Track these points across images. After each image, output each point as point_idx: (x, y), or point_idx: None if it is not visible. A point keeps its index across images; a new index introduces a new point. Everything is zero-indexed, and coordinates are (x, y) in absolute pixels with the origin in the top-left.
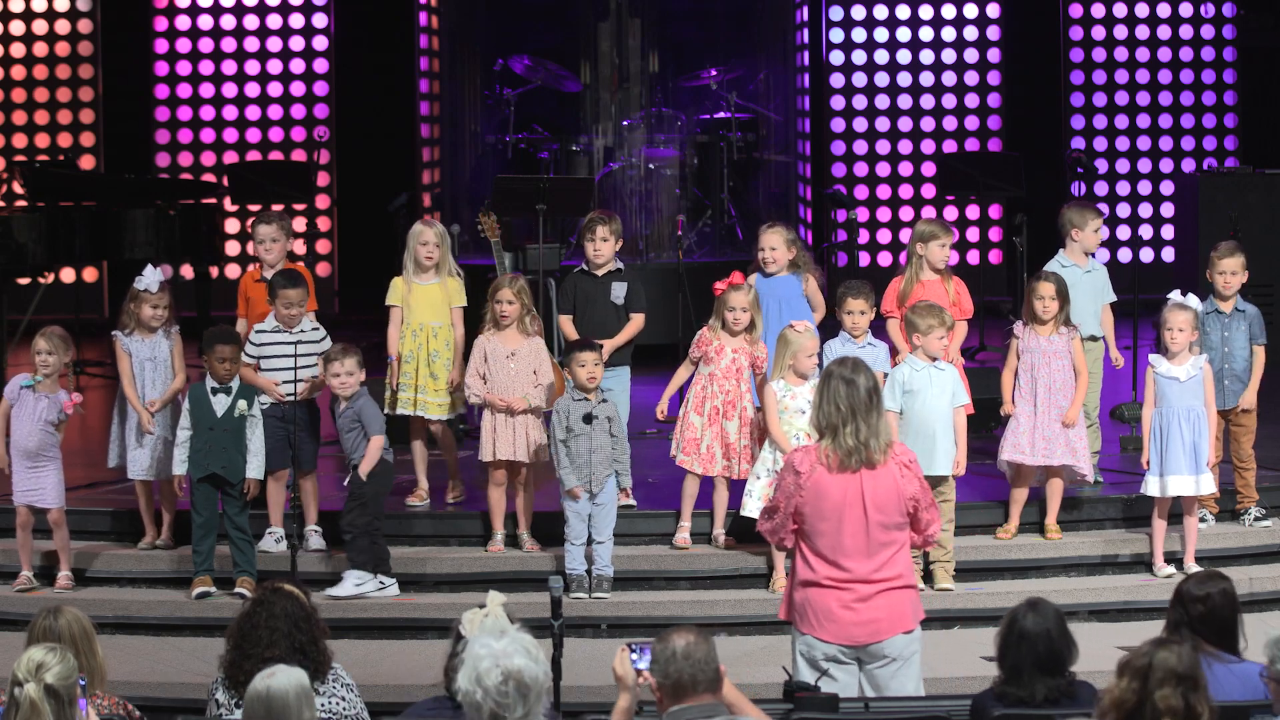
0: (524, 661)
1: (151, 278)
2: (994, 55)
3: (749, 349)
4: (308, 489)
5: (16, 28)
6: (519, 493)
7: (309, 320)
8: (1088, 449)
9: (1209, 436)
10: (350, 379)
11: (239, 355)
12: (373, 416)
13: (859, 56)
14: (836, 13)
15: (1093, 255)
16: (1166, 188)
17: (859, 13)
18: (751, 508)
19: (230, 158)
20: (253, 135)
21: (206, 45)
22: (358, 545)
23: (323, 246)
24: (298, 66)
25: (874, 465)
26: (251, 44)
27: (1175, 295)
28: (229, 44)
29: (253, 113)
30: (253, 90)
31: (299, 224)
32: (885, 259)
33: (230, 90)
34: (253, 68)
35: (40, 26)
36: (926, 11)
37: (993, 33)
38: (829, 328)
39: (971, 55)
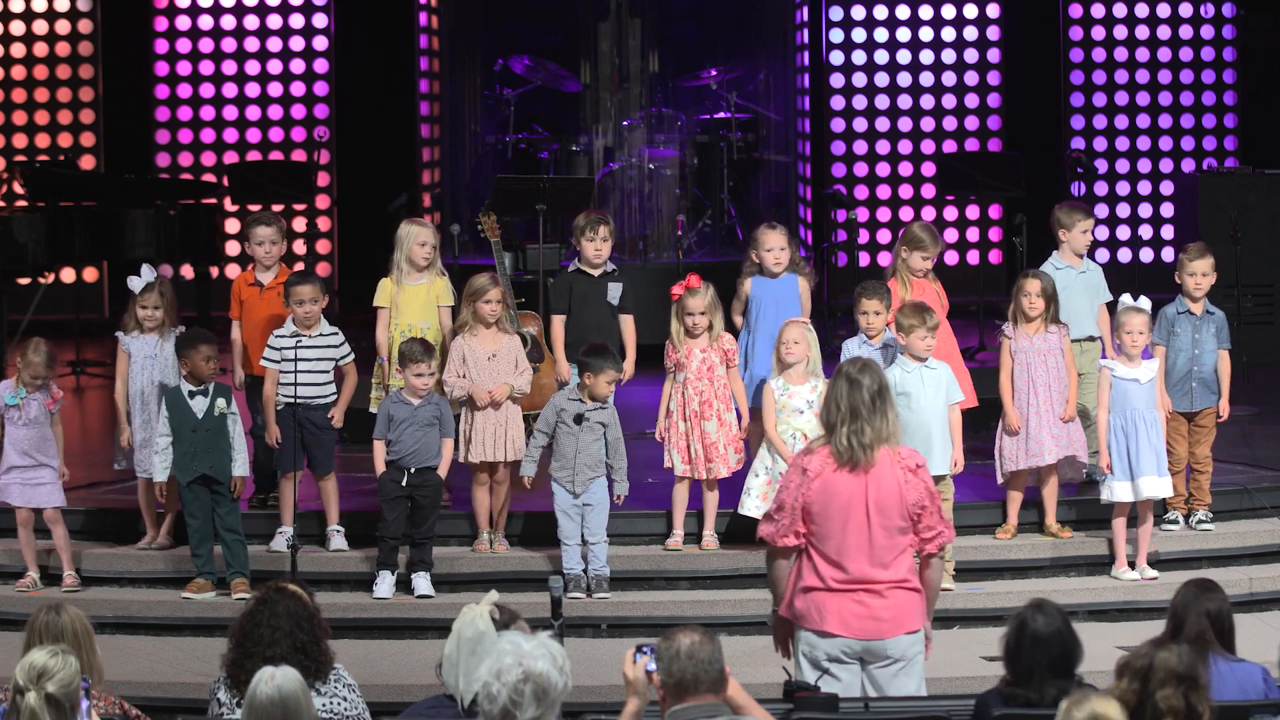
0: (546, 666)
1: (137, 280)
2: (994, 55)
3: (714, 346)
4: (328, 489)
5: (16, 28)
6: (497, 491)
7: (325, 324)
8: (1084, 440)
9: (1162, 433)
10: (433, 378)
11: (216, 352)
12: (450, 418)
13: (859, 56)
14: (836, 13)
15: (1088, 256)
16: (1166, 188)
17: (859, 13)
18: (750, 506)
19: (230, 158)
20: (253, 135)
21: (206, 45)
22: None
23: (323, 246)
24: (298, 66)
25: (871, 468)
26: (251, 44)
27: (1126, 298)
28: (229, 44)
29: (253, 113)
30: (253, 90)
31: (299, 224)
32: (885, 259)
33: (230, 90)
34: (253, 68)
35: (40, 26)
36: (926, 11)
37: (993, 33)
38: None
39: (971, 55)
